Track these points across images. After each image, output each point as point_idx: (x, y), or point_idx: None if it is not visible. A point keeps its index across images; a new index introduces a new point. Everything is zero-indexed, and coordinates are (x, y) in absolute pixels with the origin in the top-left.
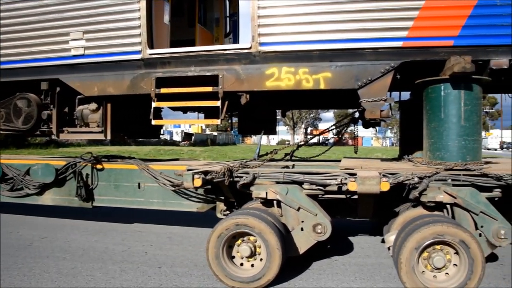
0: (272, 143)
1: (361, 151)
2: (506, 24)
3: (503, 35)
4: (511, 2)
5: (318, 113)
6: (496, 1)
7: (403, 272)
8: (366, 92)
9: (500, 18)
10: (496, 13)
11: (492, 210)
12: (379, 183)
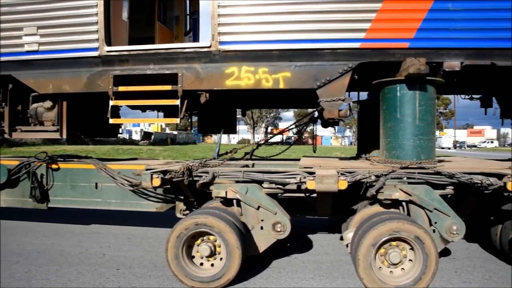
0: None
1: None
2: (458, 28)
3: (456, 38)
4: (462, 8)
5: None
6: (449, 6)
7: (361, 269)
8: (325, 92)
9: (452, 22)
10: (448, 17)
11: (445, 207)
12: (337, 182)
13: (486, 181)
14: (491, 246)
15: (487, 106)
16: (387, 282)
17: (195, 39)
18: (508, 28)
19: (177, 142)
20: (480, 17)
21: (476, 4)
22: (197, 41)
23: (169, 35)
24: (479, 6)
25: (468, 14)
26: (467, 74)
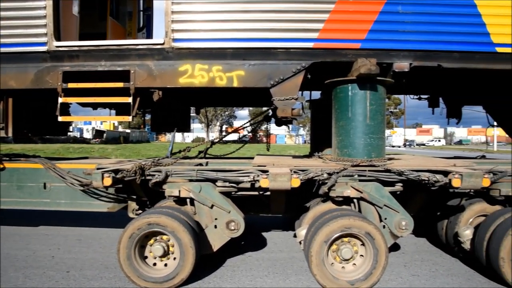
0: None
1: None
2: (408, 30)
3: (405, 40)
4: (411, 11)
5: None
6: (398, 9)
7: (314, 265)
8: (278, 91)
9: (402, 25)
10: (398, 20)
11: (395, 203)
12: (290, 180)
13: (433, 178)
14: (438, 240)
15: (435, 106)
16: (339, 277)
17: (149, 35)
18: (454, 32)
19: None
20: (428, 21)
21: (424, 8)
22: (150, 37)
23: (122, 31)
24: (427, 10)
25: (417, 17)
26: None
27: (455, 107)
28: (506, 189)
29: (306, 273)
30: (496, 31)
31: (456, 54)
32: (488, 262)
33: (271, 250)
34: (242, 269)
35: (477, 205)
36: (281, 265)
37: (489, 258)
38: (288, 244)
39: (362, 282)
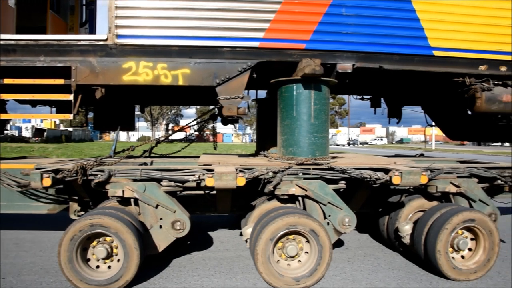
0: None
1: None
2: (351, 32)
3: (348, 42)
4: (354, 14)
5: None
6: (342, 11)
7: (260, 263)
8: (224, 90)
9: (345, 27)
10: (342, 22)
11: (338, 201)
12: (235, 178)
13: (374, 176)
14: (380, 235)
15: (376, 106)
16: (284, 274)
17: (92, 31)
18: (394, 35)
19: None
20: (370, 24)
21: (367, 11)
22: (93, 33)
23: (63, 26)
24: (369, 14)
25: (360, 20)
26: (359, 76)
27: (396, 107)
28: (442, 186)
29: (252, 271)
30: (433, 36)
31: (396, 56)
32: (426, 255)
33: (218, 249)
34: (188, 269)
35: (416, 201)
36: (227, 263)
37: (427, 252)
38: (234, 243)
39: (307, 279)
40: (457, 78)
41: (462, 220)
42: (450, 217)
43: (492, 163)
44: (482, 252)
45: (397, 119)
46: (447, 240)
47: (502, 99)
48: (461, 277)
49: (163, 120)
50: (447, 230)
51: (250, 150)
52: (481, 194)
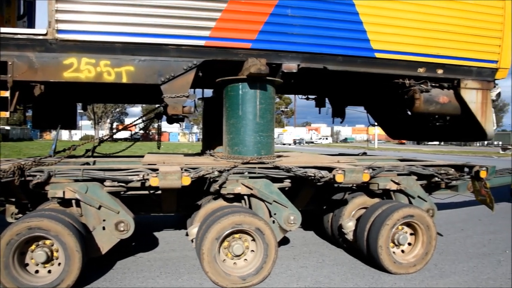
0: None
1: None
2: (296, 33)
3: (293, 42)
4: (300, 15)
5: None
6: (288, 12)
7: (206, 262)
8: (169, 88)
9: (291, 27)
10: (288, 22)
11: (283, 199)
12: (180, 178)
13: (318, 174)
14: (324, 232)
15: (321, 106)
16: (231, 273)
17: (31, 25)
18: (338, 37)
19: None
20: (315, 25)
21: (312, 13)
22: (33, 27)
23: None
24: (314, 15)
25: (305, 21)
26: (304, 76)
27: (339, 107)
28: (383, 183)
29: (198, 271)
30: (375, 38)
31: (340, 57)
32: (368, 250)
33: (163, 250)
34: (133, 271)
35: (359, 198)
36: (173, 264)
37: (369, 247)
38: (180, 243)
39: (253, 277)
40: (398, 79)
41: (402, 216)
42: (390, 213)
43: (430, 161)
44: (421, 246)
45: (340, 119)
46: (388, 236)
47: (439, 100)
48: (401, 271)
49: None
50: (388, 226)
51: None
52: (420, 191)
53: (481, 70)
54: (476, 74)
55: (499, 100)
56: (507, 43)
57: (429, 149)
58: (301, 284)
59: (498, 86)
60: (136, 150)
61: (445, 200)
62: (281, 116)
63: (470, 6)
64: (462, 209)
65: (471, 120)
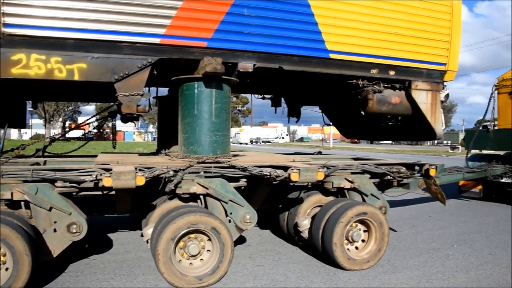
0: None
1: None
2: (252, 33)
3: (249, 42)
4: (256, 14)
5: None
6: (244, 11)
7: (161, 263)
8: (123, 86)
9: (247, 27)
10: (243, 22)
11: (239, 198)
12: (134, 178)
13: (274, 173)
14: (280, 231)
15: (277, 105)
16: (187, 274)
17: None
18: (293, 37)
19: None
20: (271, 25)
21: (267, 13)
22: None
23: None
24: (270, 15)
25: (261, 21)
26: (260, 75)
27: (295, 107)
28: (337, 182)
29: (154, 272)
30: (330, 39)
31: (295, 57)
32: (323, 248)
33: (117, 252)
34: (86, 274)
35: (314, 196)
36: (128, 266)
37: (324, 245)
38: (135, 244)
39: (209, 277)
40: (352, 80)
41: (356, 214)
42: (345, 211)
43: (382, 160)
44: (374, 243)
45: (296, 118)
46: (342, 233)
47: (391, 101)
48: (355, 267)
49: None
50: (342, 224)
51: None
52: (373, 189)
53: (430, 72)
54: (426, 76)
55: (448, 101)
56: (455, 46)
57: (382, 148)
58: (257, 282)
59: (446, 87)
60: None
61: (397, 197)
62: (238, 115)
63: (420, 10)
64: (413, 206)
65: (421, 120)
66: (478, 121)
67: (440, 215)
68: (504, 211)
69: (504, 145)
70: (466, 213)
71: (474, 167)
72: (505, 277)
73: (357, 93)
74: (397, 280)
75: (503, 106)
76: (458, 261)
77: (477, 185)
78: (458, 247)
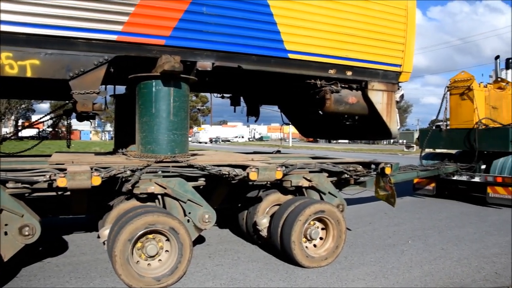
0: None
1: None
2: (211, 31)
3: (208, 40)
4: (215, 13)
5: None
6: (203, 10)
7: (118, 265)
8: (78, 84)
9: (206, 25)
10: (202, 20)
11: (198, 198)
12: (90, 178)
13: (233, 172)
14: (239, 230)
15: (236, 105)
16: (145, 275)
17: None
18: (252, 37)
19: None
20: (230, 24)
21: (227, 12)
22: None
23: None
24: (229, 14)
25: (220, 19)
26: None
27: (254, 106)
28: (296, 180)
29: (111, 274)
30: (289, 39)
31: (254, 57)
32: (282, 246)
33: (73, 254)
34: (40, 278)
35: (273, 195)
36: (84, 268)
37: (283, 243)
38: (91, 246)
39: (168, 277)
40: (310, 80)
41: (314, 212)
42: (303, 209)
43: (339, 159)
44: (332, 240)
45: (255, 117)
46: (300, 231)
47: (348, 101)
48: (313, 264)
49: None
50: (301, 222)
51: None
52: (330, 187)
53: (386, 73)
54: (382, 77)
55: (403, 101)
56: (409, 48)
57: (340, 147)
58: (216, 282)
59: (401, 88)
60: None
61: (354, 195)
62: (197, 114)
63: (376, 12)
64: (370, 203)
65: (377, 120)
66: (431, 121)
67: (396, 212)
68: (456, 207)
69: (456, 144)
70: (420, 210)
71: (427, 165)
72: (455, 270)
73: (315, 93)
74: (354, 276)
75: (454, 107)
76: (413, 256)
77: (431, 182)
78: (412, 243)
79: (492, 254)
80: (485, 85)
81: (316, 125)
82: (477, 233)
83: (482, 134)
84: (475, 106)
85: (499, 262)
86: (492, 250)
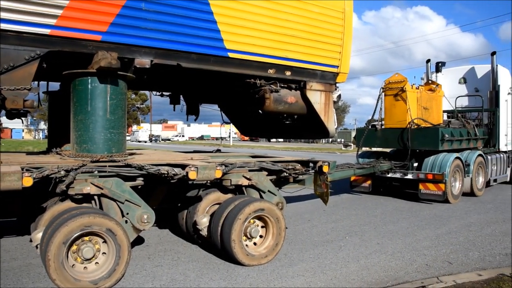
0: None
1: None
2: (150, 28)
3: (147, 37)
4: (154, 10)
5: None
6: (142, 6)
7: (52, 269)
8: (8, 79)
9: (144, 22)
10: (141, 16)
11: (136, 198)
12: (21, 179)
13: (171, 172)
14: (179, 230)
15: (176, 103)
16: (81, 279)
17: None
18: (192, 35)
19: None
20: (169, 21)
21: (166, 9)
22: None
23: None
24: (168, 11)
25: (159, 16)
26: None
27: (194, 104)
28: (236, 179)
29: (45, 279)
30: (229, 38)
31: (194, 55)
32: (222, 245)
33: (3, 259)
34: None
35: (213, 194)
36: (14, 274)
37: (223, 242)
38: (23, 250)
39: (105, 280)
40: (250, 79)
41: (253, 210)
42: (242, 208)
43: (279, 158)
44: (271, 238)
45: (195, 116)
46: (240, 230)
47: (287, 100)
48: (254, 262)
49: None
50: (241, 220)
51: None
52: (270, 185)
53: (324, 73)
54: (320, 77)
55: (341, 101)
56: (347, 50)
57: (280, 146)
58: (156, 283)
59: (339, 88)
60: None
61: (294, 193)
62: (136, 112)
63: (315, 14)
64: (309, 201)
65: (315, 119)
66: (368, 120)
67: (334, 209)
68: (390, 203)
69: (391, 143)
70: (357, 206)
71: (364, 163)
72: (390, 264)
73: (255, 92)
74: (293, 273)
75: (389, 107)
76: (350, 252)
77: (367, 180)
78: (349, 238)
79: (423, 247)
80: (417, 86)
81: (256, 124)
82: (410, 228)
83: (414, 133)
84: (408, 107)
85: (429, 255)
86: (423, 243)
